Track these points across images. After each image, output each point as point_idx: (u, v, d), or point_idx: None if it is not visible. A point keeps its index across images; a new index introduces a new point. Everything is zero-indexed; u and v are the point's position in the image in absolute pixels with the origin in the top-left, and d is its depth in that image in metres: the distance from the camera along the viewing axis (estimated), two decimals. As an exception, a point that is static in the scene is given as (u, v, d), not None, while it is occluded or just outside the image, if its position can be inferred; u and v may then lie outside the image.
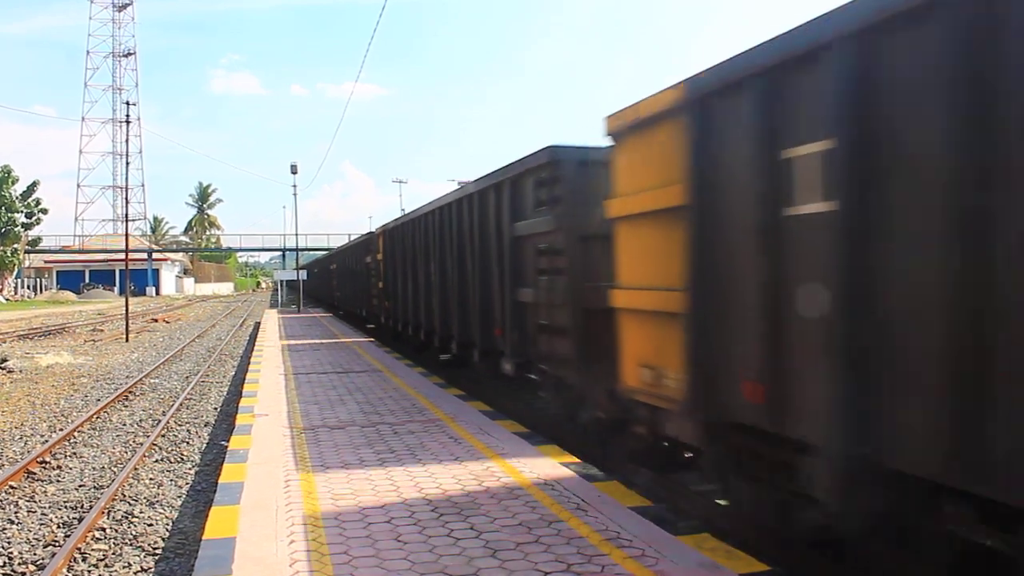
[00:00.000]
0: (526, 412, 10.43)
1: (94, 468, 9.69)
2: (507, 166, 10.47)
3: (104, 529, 7.34)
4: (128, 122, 32.72)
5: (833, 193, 4.34)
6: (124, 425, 12.35)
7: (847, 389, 4.26)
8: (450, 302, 13.61)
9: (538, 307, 9.43)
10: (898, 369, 4.02)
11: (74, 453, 10.43)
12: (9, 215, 67.24)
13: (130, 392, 15.52)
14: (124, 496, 8.41)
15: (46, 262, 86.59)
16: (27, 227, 71.26)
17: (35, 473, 9.35)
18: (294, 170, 47.52)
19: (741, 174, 5.18)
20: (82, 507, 8.06)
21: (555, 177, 8.64)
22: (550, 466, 7.33)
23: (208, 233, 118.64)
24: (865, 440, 4.18)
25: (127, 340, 27.66)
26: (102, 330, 33.04)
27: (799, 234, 4.68)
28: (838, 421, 4.30)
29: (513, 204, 10.16)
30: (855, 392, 4.23)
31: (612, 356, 7.05)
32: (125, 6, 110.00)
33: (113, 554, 6.74)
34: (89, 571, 6.37)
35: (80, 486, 8.90)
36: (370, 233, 26.38)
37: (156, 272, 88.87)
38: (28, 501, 8.25)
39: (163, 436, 11.41)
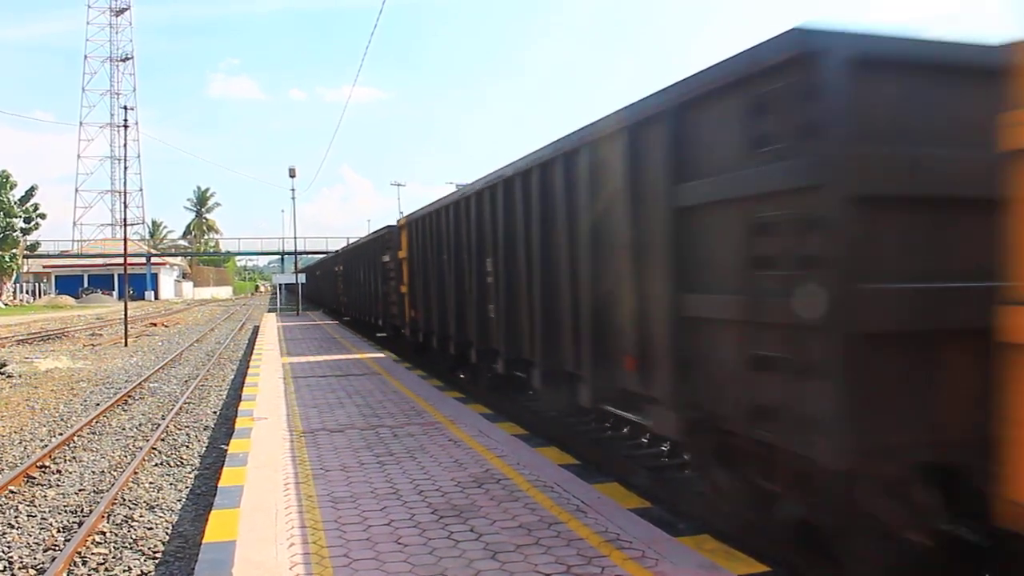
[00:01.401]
0: (525, 415, 10.43)
1: (94, 472, 9.69)
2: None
3: (104, 533, 7.34)
4: (126, 126, 32.73)
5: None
6: (123, 429, 12.35)
7: (418, 307, 15.19)
8: (367, 296, 24.62)
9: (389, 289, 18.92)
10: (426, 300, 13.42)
11: (74, 457, 10.43)
12: (7, 220, 67.21)
13: (129, 396, 15.52)
14: (124, 500, 8.41)
15: (45, 267, 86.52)
16: (25, 232, 71.22)
17: (35, 477, 9.35)
18: (292, 174, 47.44)
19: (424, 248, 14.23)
20: (82, 511, 8.06)
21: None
22: (549, 468, 7.34)
23: (207, 237, 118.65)
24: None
25: (126, 344, 27.66)
26: (101, 334, 33.03)
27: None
28: (439, 321, 13.58)
29: None
30: (418, 311, 15.38)
31: (404, 312, 16.91)
32: (123, 11, 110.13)
33: (113, 558, 6.74)
34: (89, 575, 6.37)
35: (80, 490, 8.90)
36: (338, 251, 40.84)
37: (155, 276, 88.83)
38: (28, 505, 8.25)
39: (163, 440, 11.41)
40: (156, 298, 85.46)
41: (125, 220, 35.26)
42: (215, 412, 13.79)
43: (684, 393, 5.70)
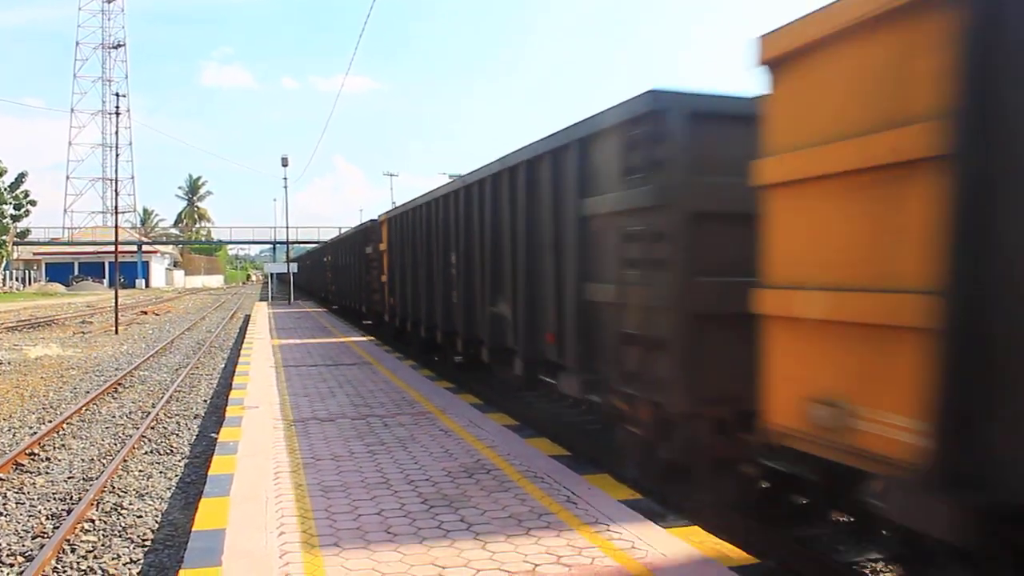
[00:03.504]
0: (516, 406, 10.43)
1: (83, 460, 9.66)
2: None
3: (93, 521, 7.33)
4: (118, 114, 32.63)
5: None
6: (113, 417, 12.32)
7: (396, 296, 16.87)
8: (353, 285, 25.61)
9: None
10: None
11: (63, 445, 10.39)
12: (-3, 207, 66.74)
13: (119, 384, 15.47)
14: (113, 488, 8.39)
15: (35, 254, 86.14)
16: (16, 219, 70.62)
17: (24, 465, 9.31)
18: (285, 163, 47.43)
19: (403, 242, 11.14)
20: (71, 499, 8.04)
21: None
22: (540, 459, 7.34)
23: (198, 225, 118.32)
24: None
25: (116, 332, 27.56)
26: (91, 322, 32.90)
27: None
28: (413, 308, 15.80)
29: None
30: (395, 298, 16.96)
31: (384, 299, 17.54)
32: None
33: (102, 546, 6.73)
34: (78, 563, 6.36)
35: (69, 478, 8.87)
36: (326, 242, 44.39)
37: (146, 264, 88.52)
38: (17, 493, 8.22)
39: (153, 428, 11.38)
40: (147, 286, 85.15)
41: (116, 208, 35.15)
42: (205, 400, 13.76)
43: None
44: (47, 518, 7.44)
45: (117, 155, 34.63)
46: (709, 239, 6.06)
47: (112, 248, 33.48)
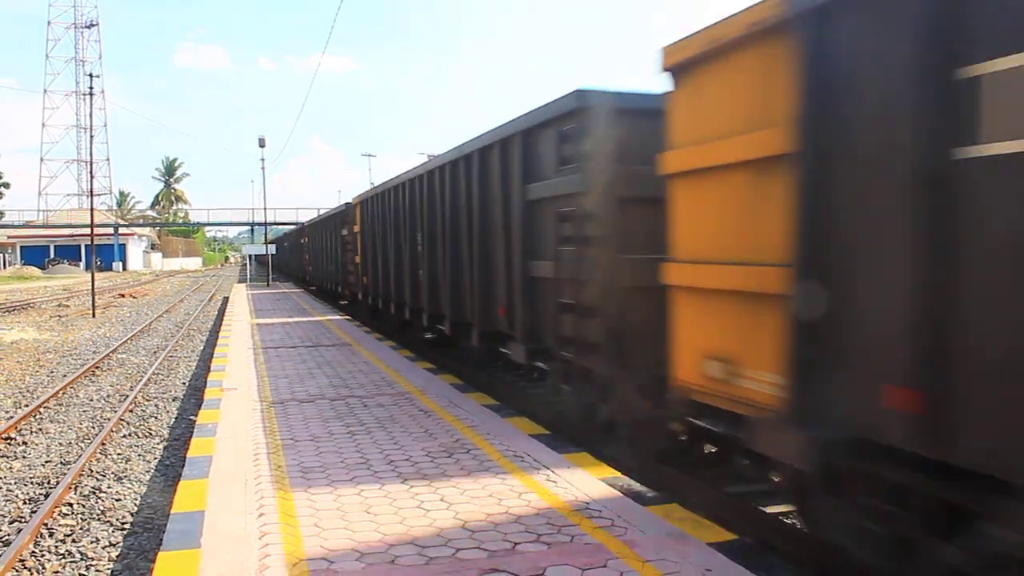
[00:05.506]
0: (495, 386, 10.45)
1: (61, 444, 9.60)
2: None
3: (71, 505, 7.29)
4: (92, 95, 32.17)
5: None
6: (91, 400, 12.23)
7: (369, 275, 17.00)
8: (329, 265, 27.44)
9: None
10: None
11: (40, 429, 10.31)
12: (-30, 189, 65.89)
13: (97, 367, 15.35)
14: (91, 471, 8.34)
15: (9, 237, 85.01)
16: (-12, 201, 69.89)
17: (0, 449, 9.24)
18: (262, 144, 46.91)
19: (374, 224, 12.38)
20: (49, 483, 7.99)
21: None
22: (520, 438, 7.36)
23: (175, 207, 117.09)
24: None
25: (94, 315, 27.32)
26: (68, 306, 32.59)
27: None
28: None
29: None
30: (369, 278, 17.46)
31: (359, 279, 18.83)
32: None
33: (81, 529, 6.70)
34: (56, 547, 6.33)
35: (47, 462, 8.81)
36: (303, 224, 44.41)
37: (123, 247, 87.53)
38: (-7, 477, 8.16)
39: (131, 411, 11.31)
40: (124, 269, 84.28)
41: (92, 190, 34.70)
42: (184, 383, 13.69)
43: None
44: (24, 502, 7.40)
45: (92, 137, 34.07)
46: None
47: (88, 231, 33.09)
